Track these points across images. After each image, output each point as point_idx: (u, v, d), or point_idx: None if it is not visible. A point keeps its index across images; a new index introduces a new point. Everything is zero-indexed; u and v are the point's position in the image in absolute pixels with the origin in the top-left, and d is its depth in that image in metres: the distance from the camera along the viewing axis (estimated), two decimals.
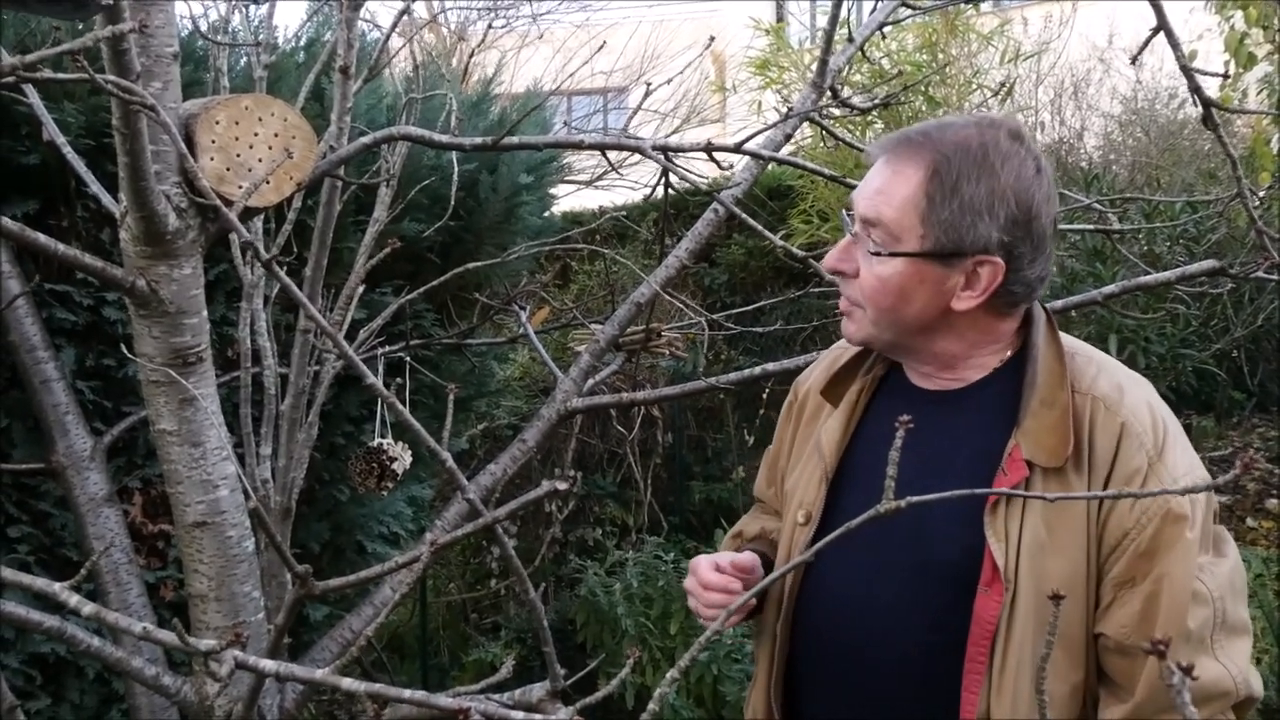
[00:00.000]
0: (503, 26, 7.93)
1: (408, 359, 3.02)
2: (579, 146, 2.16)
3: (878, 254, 1.42)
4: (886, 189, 1.42)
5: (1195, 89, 1.95)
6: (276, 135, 1.90)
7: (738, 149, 2.19)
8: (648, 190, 2.64)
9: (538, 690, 1.82)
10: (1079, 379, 1.42)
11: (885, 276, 1.42)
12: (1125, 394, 1.41)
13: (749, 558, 1.61)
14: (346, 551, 3.45)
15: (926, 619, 1.44)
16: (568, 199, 6.27)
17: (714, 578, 1.57)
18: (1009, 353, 1.49)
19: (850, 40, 2.56)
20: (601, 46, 2.86)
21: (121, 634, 2.29)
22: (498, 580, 5.50)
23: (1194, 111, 7.79)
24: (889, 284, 1.42)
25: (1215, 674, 1.34)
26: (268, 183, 1.86)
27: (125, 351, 2.02)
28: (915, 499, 0.97)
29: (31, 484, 2.70)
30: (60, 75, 1.43)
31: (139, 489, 2.90)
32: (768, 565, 1.67)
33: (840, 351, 1.68)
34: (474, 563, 5.63)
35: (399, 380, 2.99)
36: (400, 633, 5.13)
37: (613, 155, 2.37)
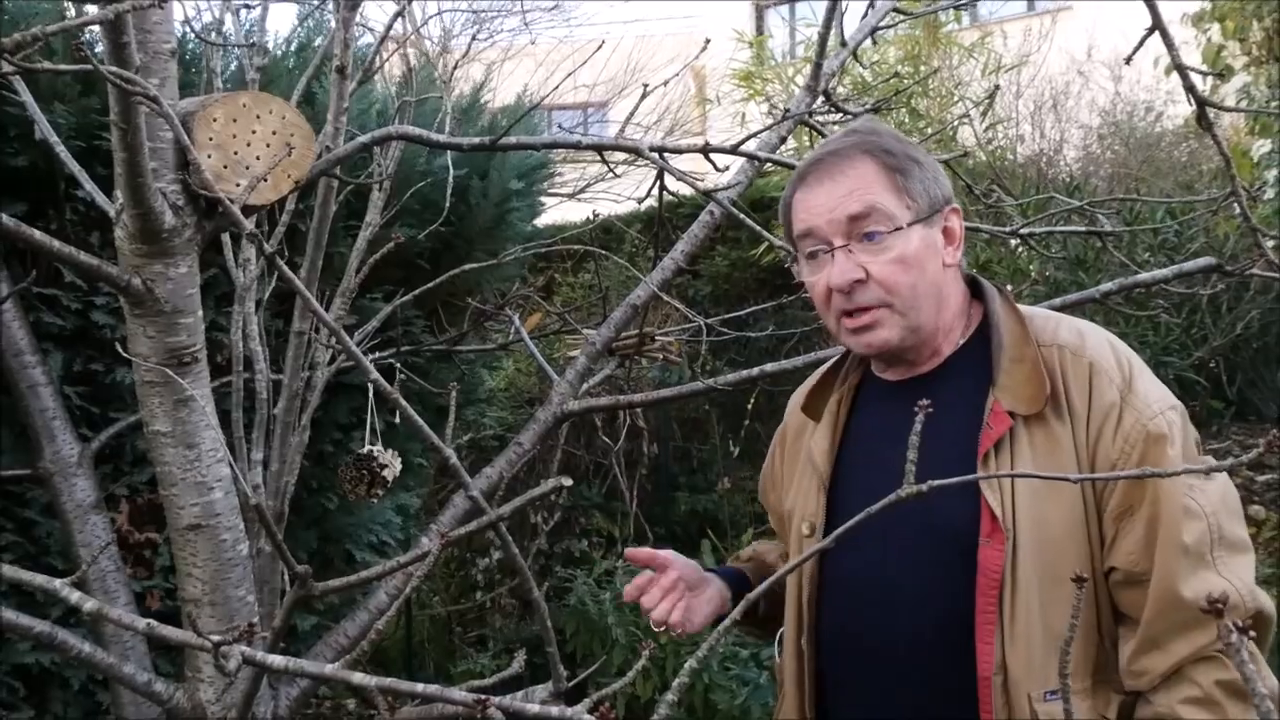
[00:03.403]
0: (485, 39, 7.94)
1: (397, 365, 2.99)
2: (576, 146, 2.15)
3: (897, 229, 1.49)
4: (858, 185, 1.50)
5: (1190, 88, 1.96)
6: (274, 133, 1.89)
7: (734, 150, 2.20)
8: (632, 202, 2.65)
9: (540, 692, 1.81)
10: (1041, 334, 1.51)
11: (905, 254, 1.49)
12: (1086, 338, 1.50)
13: (644, 551, 1.71)
14: (335, 560, 3.41)
15: (939, 587, 1.47)
16: (552, 211, 6.26)
17: (631, 590, 1.69)
18: (972, 328, 1.57)
19: (843, 44, 2.57)
20: (598, 48, 2.86)
21: (109, 641, 2.26)
22: (483, 593, 5.47)
23: (1170, 125, 7.89)
24: (909, 259, 1.49)
25: (1219, 587, 1.37)
26: (265, 180, 1.85)
27: (115, 355, 2.00)
28: (936, 482, 0.99)
29: (17, 491, 2.67)
30: (62, 67, 1.41)
31: (126, 497, 2.86)
32: (742, 583, 1.75)
33: (811, 379, 1.75)
34: (459, 575, 5.60)
35: (389, 386, 2.96)
36: (384, 646, 5.08)
37: (607, 160, 2.36)
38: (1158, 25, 1.96)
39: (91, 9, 1.45)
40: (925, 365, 1.57)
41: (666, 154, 2.14)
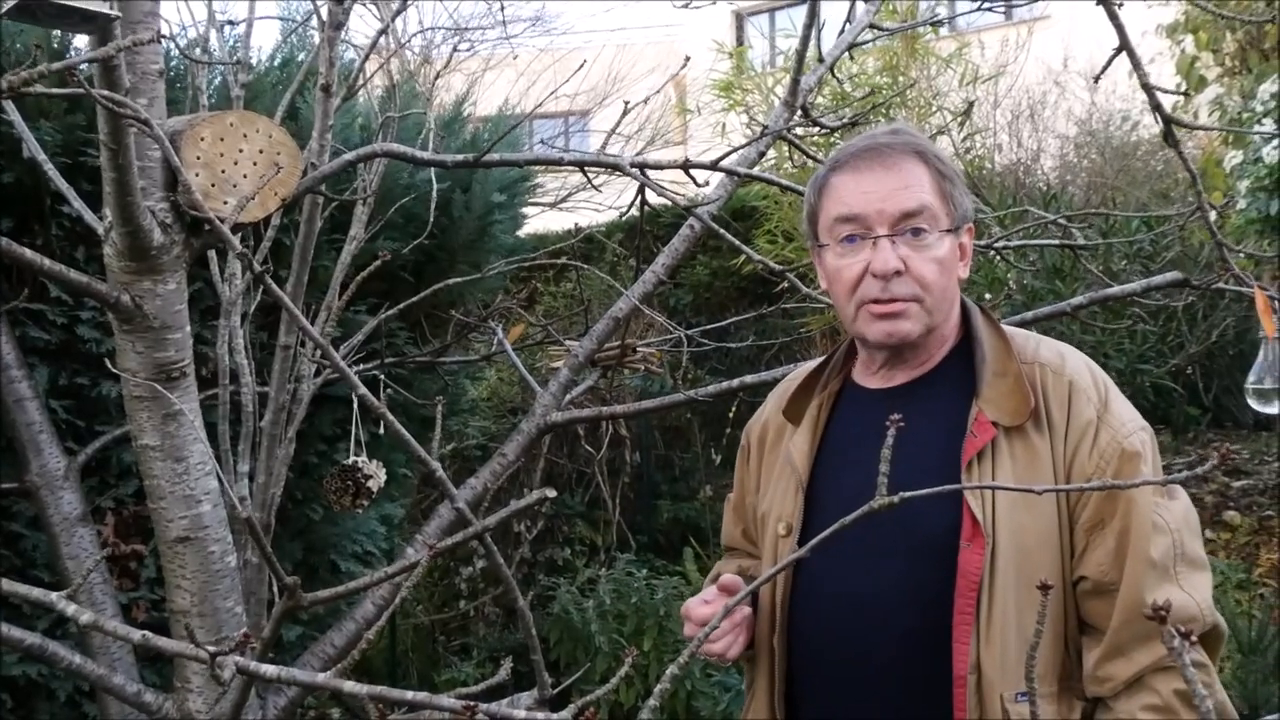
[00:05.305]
0: (467, 50, 7.96)
1: (382, 377, 3.02)
2: (559, 164, 2.19)
3: (949, 231, 1.54)
4: (913, 181, 1.54)
5: (1156, 106, 2.02)
6: (261, 151, 1.92)
7: (714, 166, 2.24)
8: (614, 212, 2.69)
9: (525, 699, 1.84)
10: (1022, 351, 1.57)
11: (942, 257, 1.54)
12: (1066, 359, 1.57)
13: (730, 578, 1.66)
14: (320, 571, 3.43)
15: (916, 590, 1.50)
16: (534, 221, 6.30)
17: (706, 611, 1.60)
18: (955, 341, 1.62)
19: (820, 60, 2.62)
20: (579, 66, 2.89)
21: (97, 652, 2.27)
22: (466, 601, 5.49)
23: (1146, 134, 7.98)
24: (945, 263, 1.55)
25: (1180, 600, 1.43)
26: (253, 199, 1.87)
27: (100, 369, 2.02)
28: (908, 494, 1.02)
29: (3, 504, 2.68)
30: (53, 90, 1.44)
31: (111, 509, 2.87)
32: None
33: (789, 382, 1.78)
34: (442, 585, 5.61)
35: (376, 401, 2.99)
36: (368, 655, 5.09)
37: (588, 174, 2.40)
38: (1125, 45, 2.02)
39: (82, 41, 1.48)
40: (919, 369, 1.61)
41: (647, 169, 2.18)
